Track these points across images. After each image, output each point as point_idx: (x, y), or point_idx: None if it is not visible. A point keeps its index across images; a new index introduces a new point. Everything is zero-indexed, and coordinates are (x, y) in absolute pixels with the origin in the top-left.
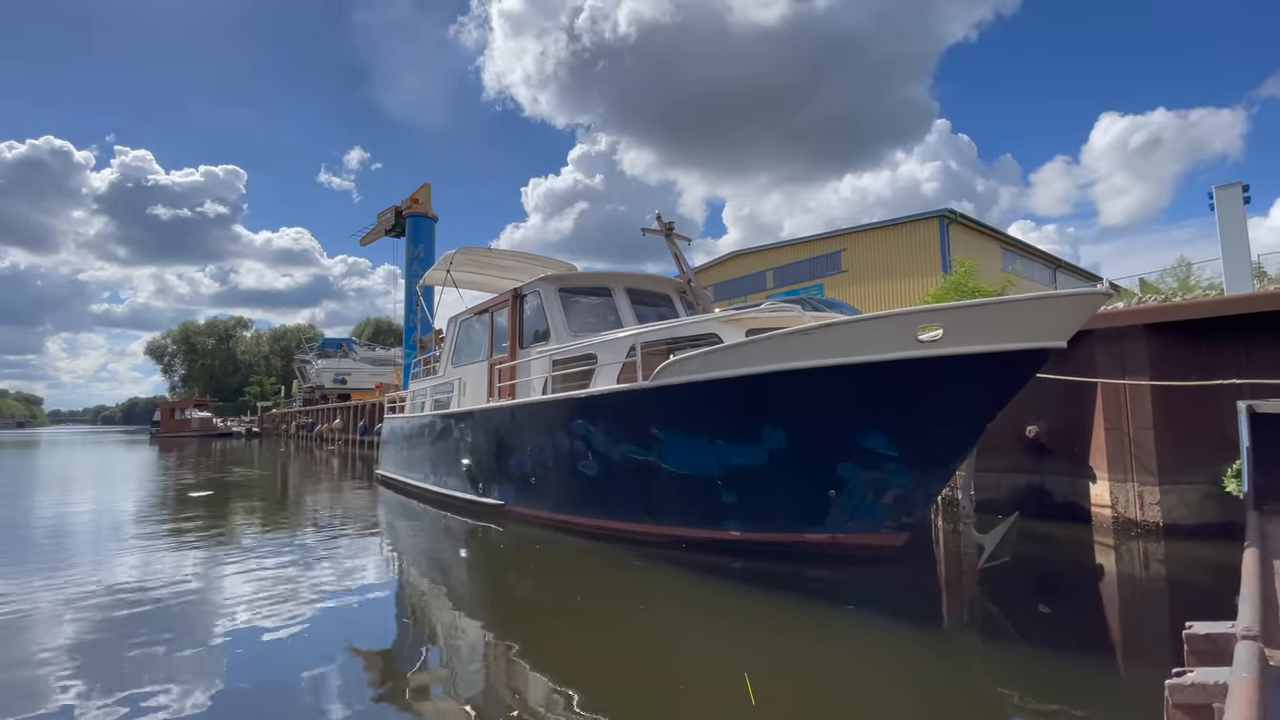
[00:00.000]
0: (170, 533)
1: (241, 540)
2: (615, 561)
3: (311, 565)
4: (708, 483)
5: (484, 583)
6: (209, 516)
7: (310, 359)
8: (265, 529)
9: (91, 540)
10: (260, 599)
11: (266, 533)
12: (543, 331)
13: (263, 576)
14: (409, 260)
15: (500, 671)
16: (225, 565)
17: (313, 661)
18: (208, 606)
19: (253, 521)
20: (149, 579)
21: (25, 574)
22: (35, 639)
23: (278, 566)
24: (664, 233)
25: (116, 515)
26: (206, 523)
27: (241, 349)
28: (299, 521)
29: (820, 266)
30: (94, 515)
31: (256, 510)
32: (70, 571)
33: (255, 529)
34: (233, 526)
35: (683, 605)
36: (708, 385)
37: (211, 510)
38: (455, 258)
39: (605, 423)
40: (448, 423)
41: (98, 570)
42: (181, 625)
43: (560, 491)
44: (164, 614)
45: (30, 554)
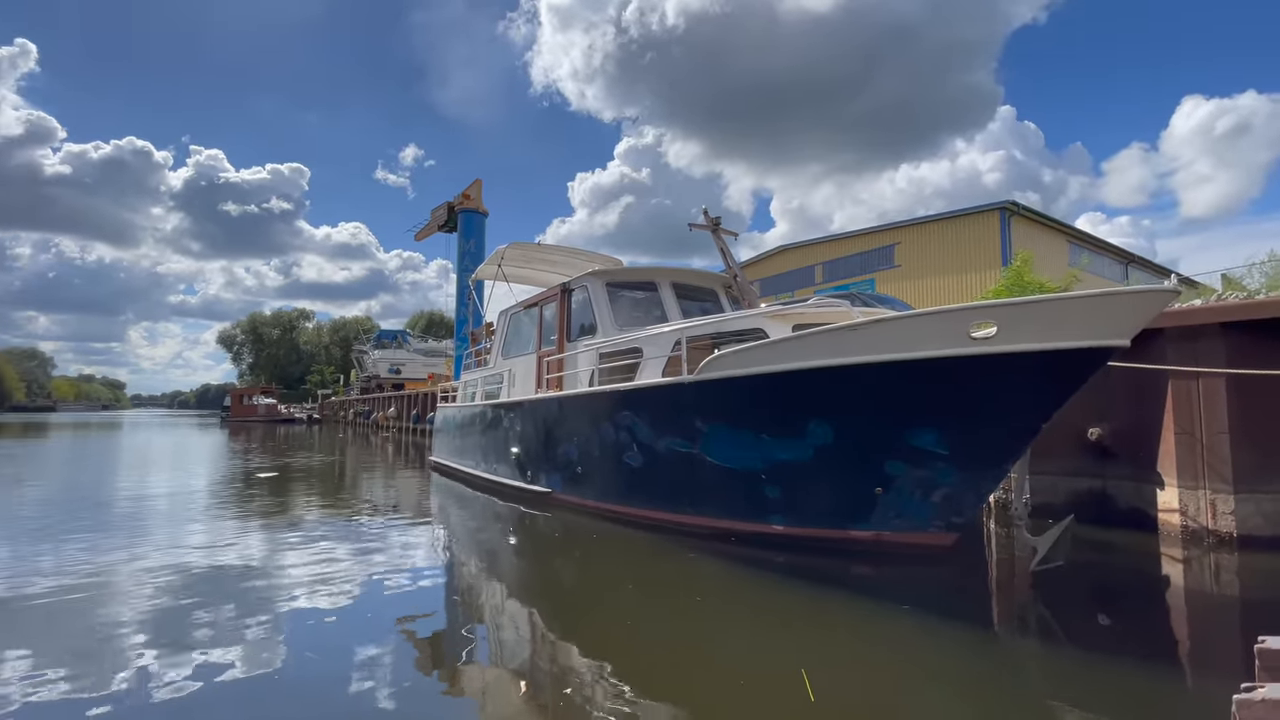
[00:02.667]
0: (238, 511)
1: (302, 520)
2: (661, 551)
3: (367, 546)
4: (751, 476)
5: (533, 568)
6: (273, 497)
7: (367, 349)
8: (324, 510)
9: (168, 516)
10: (317, 577)
11: (325, 514)
12: (590, 325)
13: (320, 555)
14: (460, 254)
15: (551, 658)
16: (286, 543)
17: (366, 640)
18: (269, 582)
19: (313, 503)
20: (217, 554)
21: (109, 547)
22: (115, 607)
23: (335, 546)
24: (710, 227)
25: (191, 493)
26: (271, 503)
27: (304, 339)
28: (356, 504)
29: (872, 261)
30: (171, 493)
31: (317, 492)
32: (148, 545)
33: (315, 510)
34: (294, 507)
35: (729, 598)
36: (753, 380)
37: (276, 491)
38: (506, 253)
39: (650, 415)
40: (498, 412)
41: (173, 544)
42: (244, 599)
43: (606, 481)
44: (229, 588)
45: (114, 528)
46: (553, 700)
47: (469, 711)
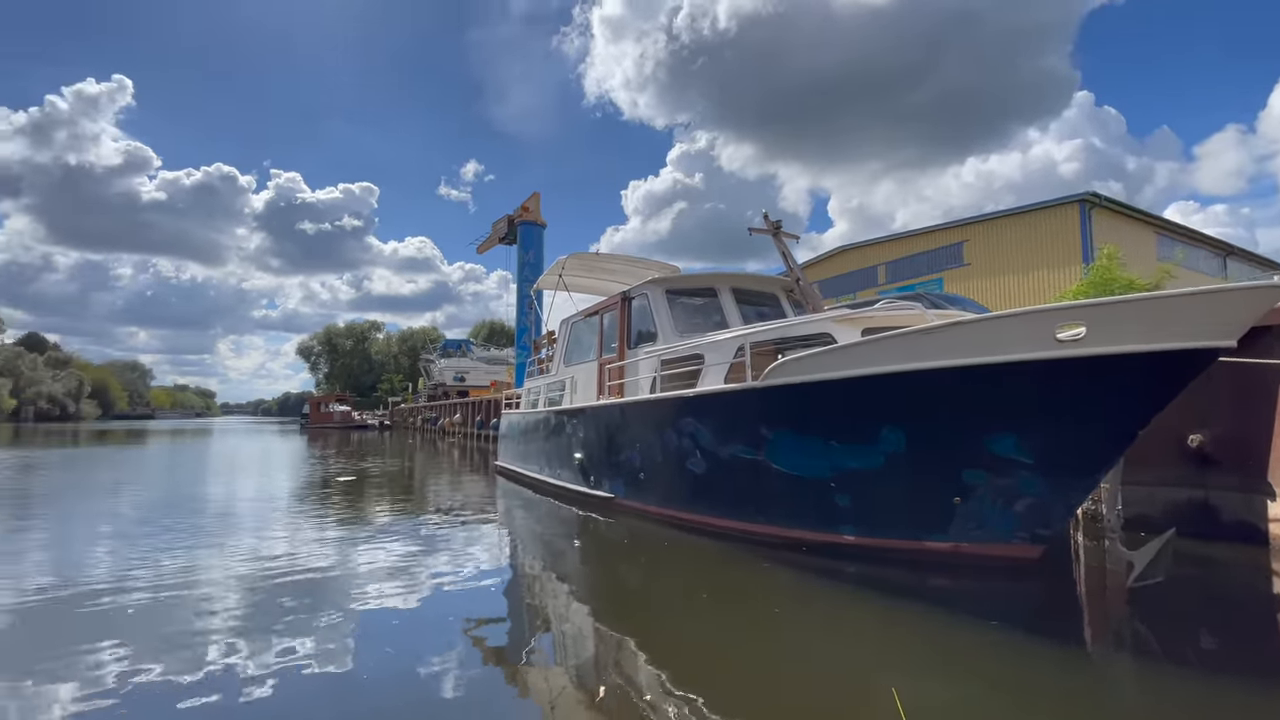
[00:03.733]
0: (319, 513)
1: (376, 521)
2: (729, 559)
3: (437, 547)
4: (820, 484)
5: (599, 573)
6: (351, 499)
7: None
8: (396, 512)
9: (255, 517)
10: (390, 576)
11: (399, 516)
12: (650, 332)
13: (393, 555)
14: (520, 265)
15: (622, 665)
16: (362, 544)
17: (436, 638)
18: (346, 581)
19: (387, 505)
20: (298, 552)
21: (202, 546)
22: (206, 602)
23: (407, 547)
24: (771, 231)
25: (276, 496)
26: (349, 505)
27: (374, 349)
28: (426, 506)
29: (939, 260)
30: (257, 495)
31: (391, 495)
32: (237, 544)
33: (388, 511)
34: (370, 509)
35: (804, 609)
36: (822, 386)
37: (354, 494)
38: (566, 263)
39: (713, 422)
40: (561, 418)
41: (259, 544)
42: (322, 596)
43: (669, 487)
44: (308, 584)
45: (207, 529)
46: (627, 711)
47: (538, 716)
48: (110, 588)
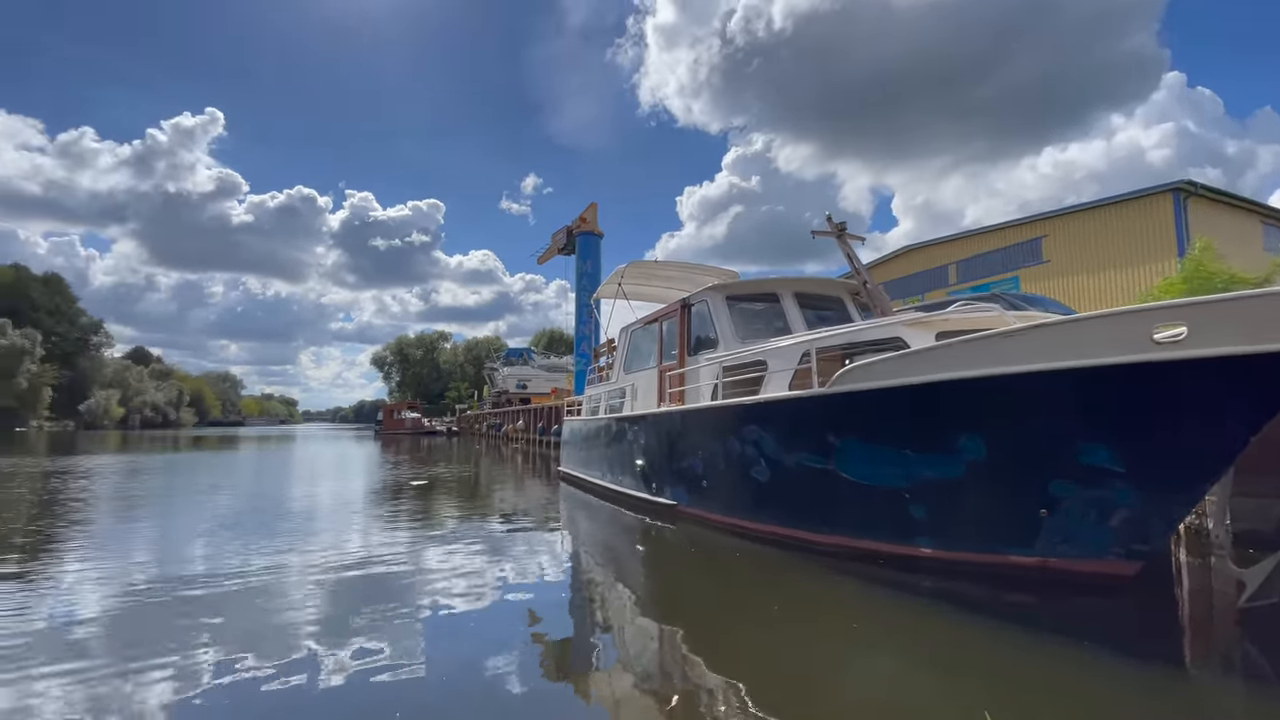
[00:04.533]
0: (393, 514)
1: (446, 523)
2: (797, 570)
3: (503, 549)
4: (893, 494)
5: (663, 580)
6: (422, 501)
7: (497, 367)
8: (465, 515)
9: (333, 518)
10: (458, 576)
11: (467, 518)
12: (710, 339)
13: (462, 556)
14: (579, 275)
15: (688, 674)
16: (432, 544)
17: (500, 638)
18: (416, 580)
19: (456, 508)
20: (372, 553)
21: (285, 546)
22: (289, 598)
23: (474, 548)
24: (835, 233)
25: (354, 499)
26: (420, 507)
27: (442, 359)
28: (493, 510)
29: (1015, 257)
30: (336, 497)
31: (459, 499)
32: (316, 544)
33: (457, 514)
34: (440, 511)
35: (878, 624)
36: (895, 392)
37: (425, 497)
38: (625, 272)
39: (778, 430)
40: (622, 425)
41: (336, 544)
42: (394, 594)
43: (732, 495)
44: (380, 584)
45: (290, 529)
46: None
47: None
48: (206, 582)
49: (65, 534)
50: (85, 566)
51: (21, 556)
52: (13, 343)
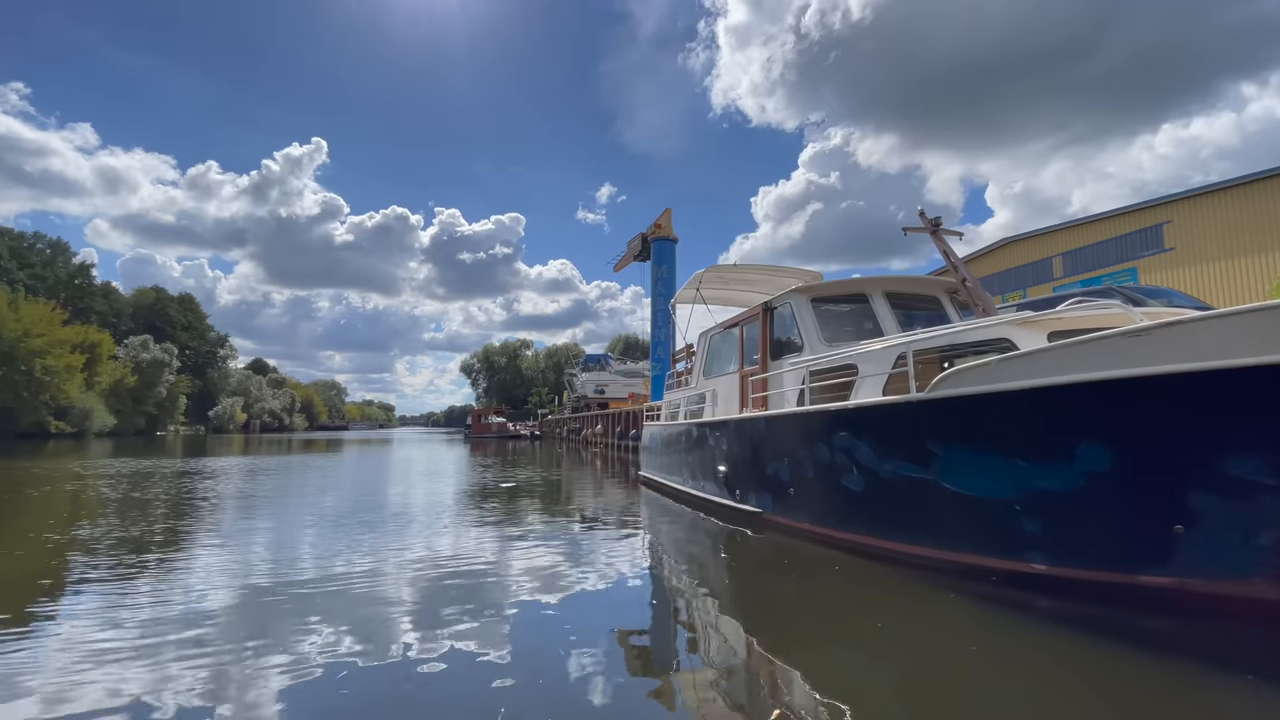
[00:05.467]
0: (482, 515)
1: (532, 525)
2: (895, 582)
3: (586, 551)
4: (1002, 506)
5: (749, 589)
6: (510, 502)
7: (576, 373)
8: (550, 517)
9: (426, 519)
10: (543, 577)
11: (551, 520)
12: (794, 343)
13: (547, 558)
14: (654, 280)
15: (780, 689)
16: (519, 544)
17: (583, 638)
18: (500, 579)
19: (541, 510)
20: (461, 552)
21: (382, 544)
22: (385, 594)
23: (559, 549)
24: (930, 229)
25: (447, 499)
26: (507, 509)
27: (524, 365)
28: (577, 513)
29: (1131, 246)
30: (431, 498)
31: (545, 501)
32: (412, 543)
33: (543, 516)
34: (526, 513)
35: (992, 645)
36: (1004, 398)
37: (512, 498)
38: (704, 276)
39: (872, 437)
40: (703, 431)
41: (429, 543)
42: (480, 592)
43: (822, 504)
44: (468, 582)
45: (386, 528)
46: None
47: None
48: (315, 577)
49: (195, 531)
50: (213, 561)
51: (160, 551)
52: (155, 356)
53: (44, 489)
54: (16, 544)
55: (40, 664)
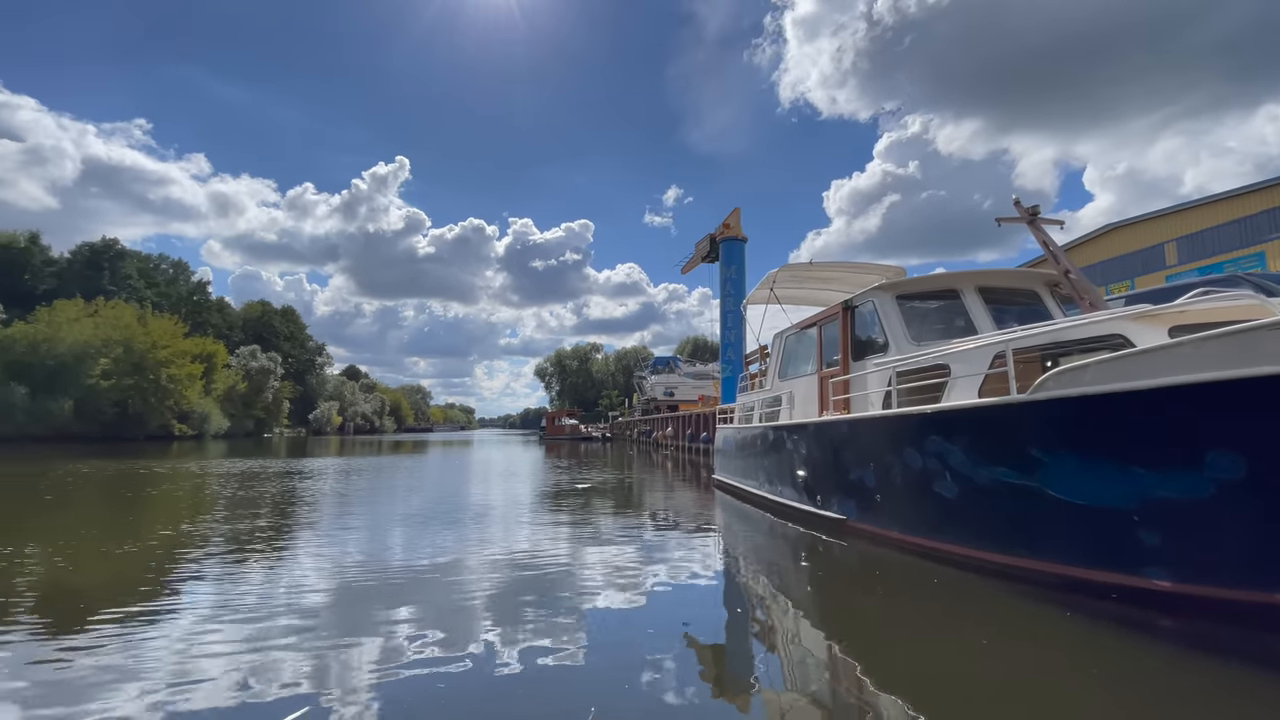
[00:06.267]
0: (557, 516)
1: (608, 526)
2: (997, 597)
3: (662, 554)
4: (1117, 516)
5: (831, 598)
6: (585, 503)
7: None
8: (625, 518)
9: (507, 517)
10: (618, 577)
11: (626, 522)
12: (878, 342)
13: (622, 559)
14: (723, 281)
15: (871, 708)
16: (594, 546)
17: (655, 641)
18: (578, 579)
19: (616, 511)
20: (540, 551)
21: (467, 541)
22: (466, 589)
23: (634, 551)
24: (1026, 219)
25: (526, 499)
26: (582, 510)
27: (595, 369)
28: (652, 515)
29: (1258, 228)
30: (510, 498)
31: (618, 502)
32: (492, 539)
33: (618, 517)
34: (602, 514)
35: (1114, 671)
36: (1122, 399)
37: (587, 499)
38: (778, 276)
39: (968, 441)
40: (780, 434)
41: (508, 541)
42: (554, 591)
43: (911, 512)
44: (543, 580)
45: (468, 526)
46: None
47: None
48: (401, 571)
49: (297, 527)
50: (312, 556)
51: (265, 546)
52: (262, 364)
53: (163, 487)
54: (142, 537)
55: (160, 648)
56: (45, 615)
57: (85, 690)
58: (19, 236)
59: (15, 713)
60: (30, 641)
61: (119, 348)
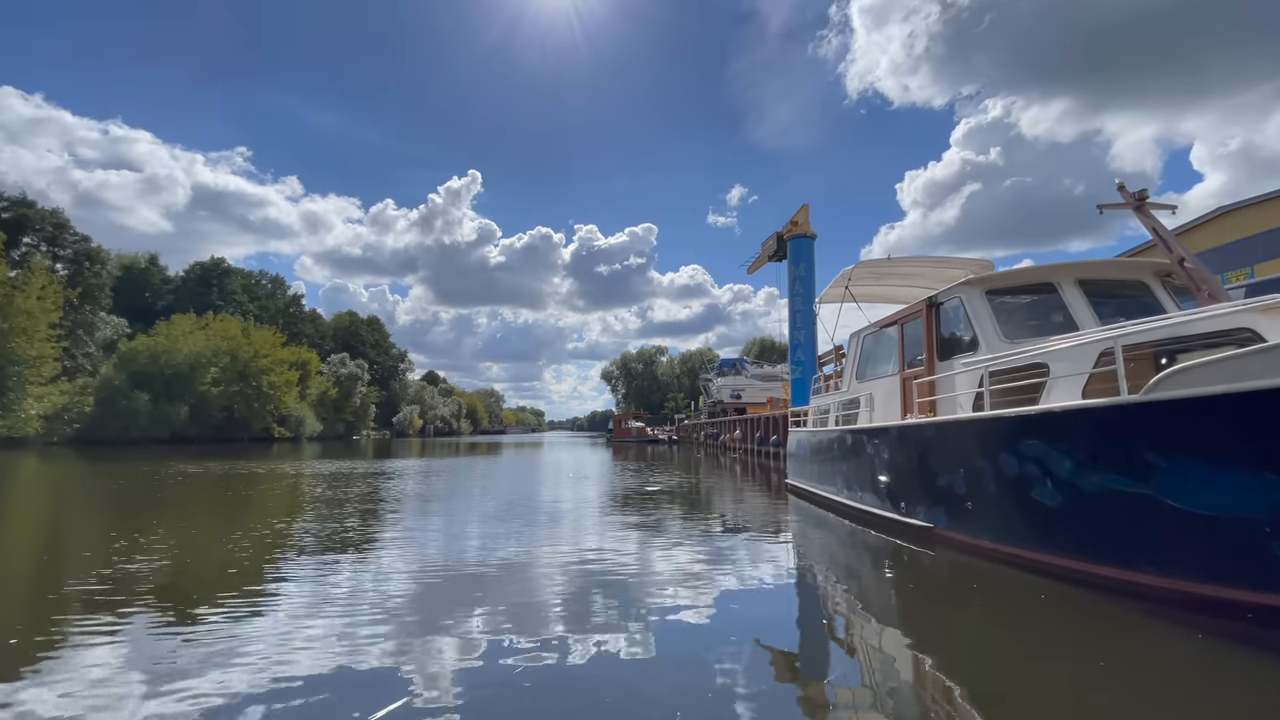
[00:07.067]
0: (626, 520)
1: (680, 530)
2: (1111, 615)
3: (733, 560)
4: (1248, 527)
5: (919, 608)
6: (655, 507)
7: (711, 378)
8: (696, 523)
9: (578, 518)
10: (691, 582)
11: (698, 526)
12: (964, 341)
13: (697, 565)
14: (791, 280)
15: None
16: (668, 550)
17: (727, 645)
18: (643, 580)
19: (687, 515)
20: (605, 551)
21: (538, 541)
22: (538, 586)
23: (707, 556)
24: (1133, 204)
25: (595, 501)
26: (653, 513)
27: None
28: (724, 520)
29: None
30: (581, 499)
31: (689, 506)
32: (564, 539)
33: (689, 522)
34: (673, 518)
35: (1249, 701)
36: (1252, 400)
37: (657, 503)
38: (853, 273)
39: (1073, 446)
40: (859, 438)
41: (578, 541)
42: (623, 593)
43: (1008, 520)
44: (611, 581)
45: (540, 527)
46: None
47: None
48: (477, 568)
49: (381, 526)
50: (397, 553)
51: (355, 542)
52: (350, 371)
53: (259, 488)
54: (243, 532)
55: (263, 634)
56: (163, 601)
57: (198, 668)
58: (140, 258)
59: (140, 688)
60: (150, 624)
61: (226, 357)
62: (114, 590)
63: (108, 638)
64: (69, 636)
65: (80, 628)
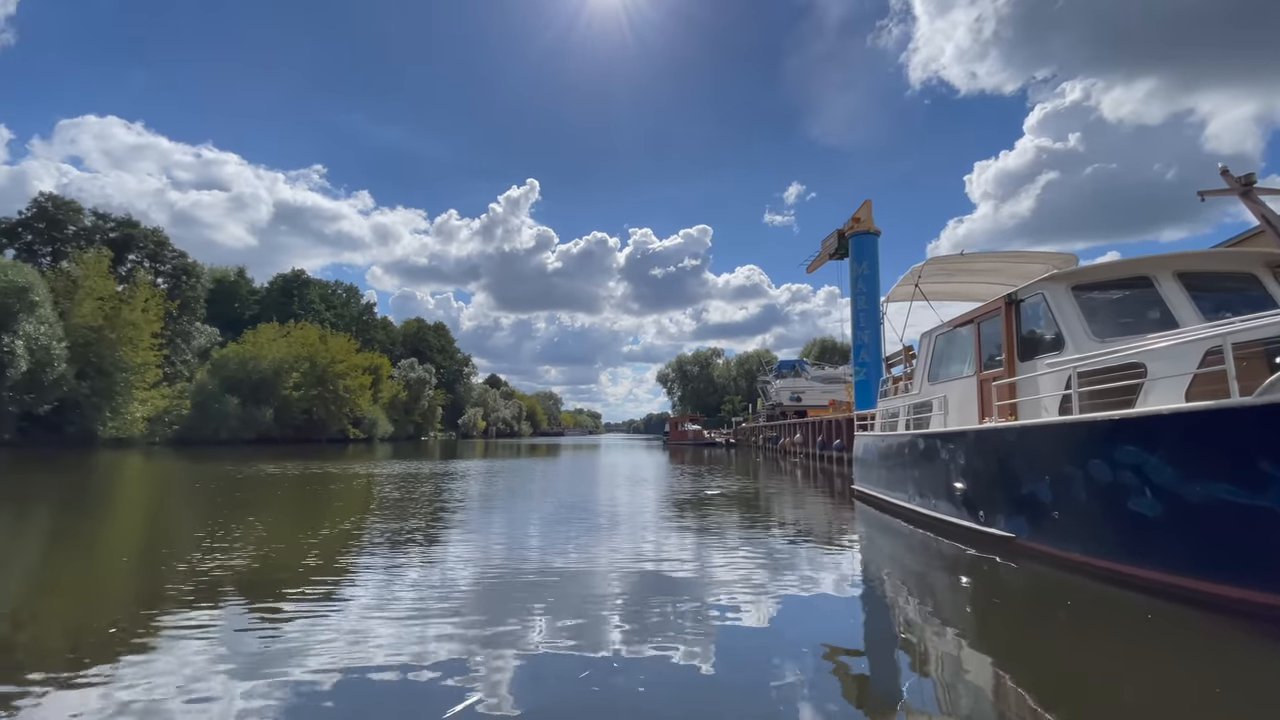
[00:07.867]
0: (684, 524)
1: (743, 537)
2: (1224, 636)
3: (798, 567)
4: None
5: (999, 623)
6: (716, 512)
7: (770, 380)
8: (760, 530)
9: (636, 521)
10: (758, 591)
11: (762, 533)
12: (1048, 340)
13: (759, 572)
14: (853, 279)
15: None
16: (732, 558)
17: (789, 657)
18: (707, 588)
19: (749, 522)
20: (666, 557)
21: (595, 544)
22: (597, 587)
23: (771, 564)
24: (1239, 190)
25: (653, 505)
26: (715, 519)
27: (716, 374)
28: (790, 527)
29: None
30: (638, 502)
31: (751, 512)
32: (622, 542)
33: (752, 529)
34: (735, 524)
35: None
36: None
37: (718, 508)
38: (923, 270)
39: (1175, 452)
40: (932, 442)
41: (635, 546)
42: (686, 601)
43: (1099, 531)
44: (670, 584)
45: (598, 530)
46: None
47: None
48: (539, 571)
49: (446, 526)
50: (461, 553)
51: (420, 541)
52: (419, 375)
53: (332, 487)
54: (319, 530)
55: (337, 628)
56: (245, 595)
57: (278, 663)
58: (229, 271)
59: (221, 681)
60: (234, 619)
61: (306, 363)
62: (202, 585)
63: (196, 630)
64: (159, 631)
65: (168, 623)
